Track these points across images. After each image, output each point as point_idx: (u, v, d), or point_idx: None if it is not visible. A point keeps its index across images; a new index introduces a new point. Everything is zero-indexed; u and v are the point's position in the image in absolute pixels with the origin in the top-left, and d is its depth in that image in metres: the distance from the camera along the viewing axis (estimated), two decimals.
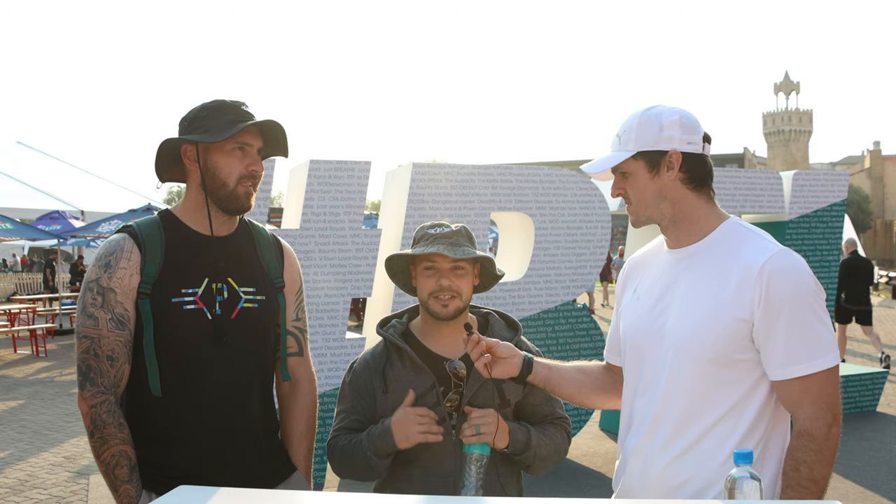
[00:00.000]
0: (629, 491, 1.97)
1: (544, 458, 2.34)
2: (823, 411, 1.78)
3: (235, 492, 1.83)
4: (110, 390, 2.08)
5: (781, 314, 1.77)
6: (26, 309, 15.62)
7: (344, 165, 5.79)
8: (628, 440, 2.00)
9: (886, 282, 24.06)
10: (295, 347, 2.37)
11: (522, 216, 6.46)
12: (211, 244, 2.19)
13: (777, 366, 1.79)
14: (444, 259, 2.27)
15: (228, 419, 2.15)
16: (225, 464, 2.14)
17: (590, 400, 2.22)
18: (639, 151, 1.89)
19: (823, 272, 7.69)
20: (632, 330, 2.01)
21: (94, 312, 2.08)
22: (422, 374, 2.30)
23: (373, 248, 5.86)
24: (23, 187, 20.98)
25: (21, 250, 32.08)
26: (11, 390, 10.20)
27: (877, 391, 8.08)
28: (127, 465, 2.05)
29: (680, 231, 1.95)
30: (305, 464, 2.35)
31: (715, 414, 1.83)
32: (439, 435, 2.19)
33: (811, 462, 1.77)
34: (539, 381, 2.16)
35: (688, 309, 1.86)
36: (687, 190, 1.91)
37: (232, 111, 2.15)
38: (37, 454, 7.06)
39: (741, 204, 7.37)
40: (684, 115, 1.91)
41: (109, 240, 2.17)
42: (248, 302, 2.20)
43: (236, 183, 2.15)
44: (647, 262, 2.08)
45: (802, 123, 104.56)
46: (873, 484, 5.73)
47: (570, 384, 2.18)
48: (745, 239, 1.89)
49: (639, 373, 1.98)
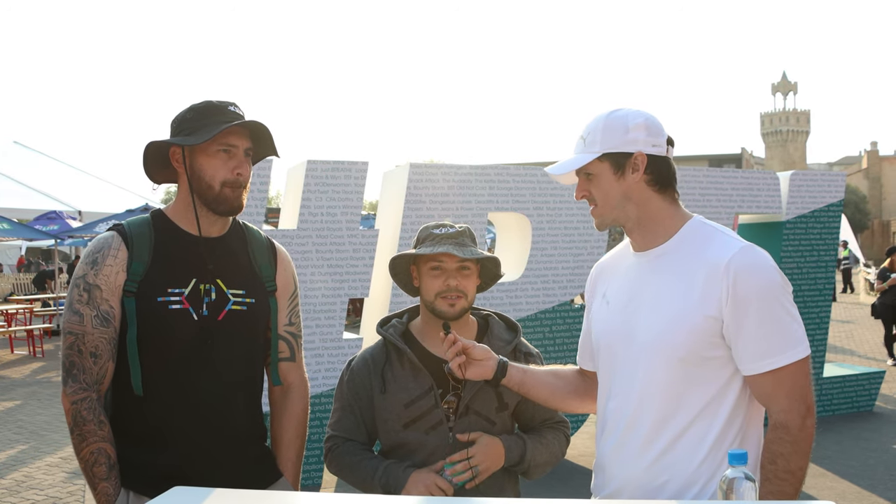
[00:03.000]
0: (609, 494, 1.97)
1: (540, 464, 2.35)
2: (797, 403, 1.80)
3: (232, 493, 1.83)
4: (92, 387, 2.07)
5: (750, 309, 1.79)
6: (23, 309, 15.58)
7: (341, 166, 5.79)
8: (604, 443, 2.00)
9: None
10: (287, 352, 2.35)
11: (520, 217, 6.46)
12: (201, 245, 2.17)
13: (749, 360, 1.82)
14: (451, 259, 2.26)
15: (212, 421, 2.14)
16: (207, 466, 2.12)
17: (564, 403, 2.23)
18: (604, 153, 1.91)
19: (820, 272, 7.70)
20: (603, 334, 2.02)
21: (79, 308, 2.08)
22: (420, 375, 2.30)
23: (370, 249, 5.86)
24: (20, 187, 20.92)
25: (18, 251, 31.99)
26: (8, 391, 10.19)
27: (874, 391, 8.10)
28: (105, 462, 2.04)
29: (646, 232, 1.96)
30: (293, 470, 2.33)
31: (690, 413, 1.85)
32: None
33: (788, 454, 1.79)
34: (513, 384, 2.16)
35: (657, 310, 1.87)
36: (652, 192, 1.94)
37: (218, 112, 2.12)
38: (33, 455, 7.06)
39: (738, 204, 7.38)
40: (649, 117, 1.93)
41: (98, 237, 2.16)
42: (236, 304, 2.18)
43: (221, 186, 2.13)
44: (614, 267, 2.10)
45: (800, 124, 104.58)
46: (870, 484, 5.73)
47: (545, 388, 2.19)
48: (710, 237, 1.91)
49: (612, 376, 1.99)
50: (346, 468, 2.35)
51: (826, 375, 7.86)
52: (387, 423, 2.33)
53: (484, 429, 2.29)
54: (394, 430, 2.31)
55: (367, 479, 2.28)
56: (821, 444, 6.81)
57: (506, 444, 2.28)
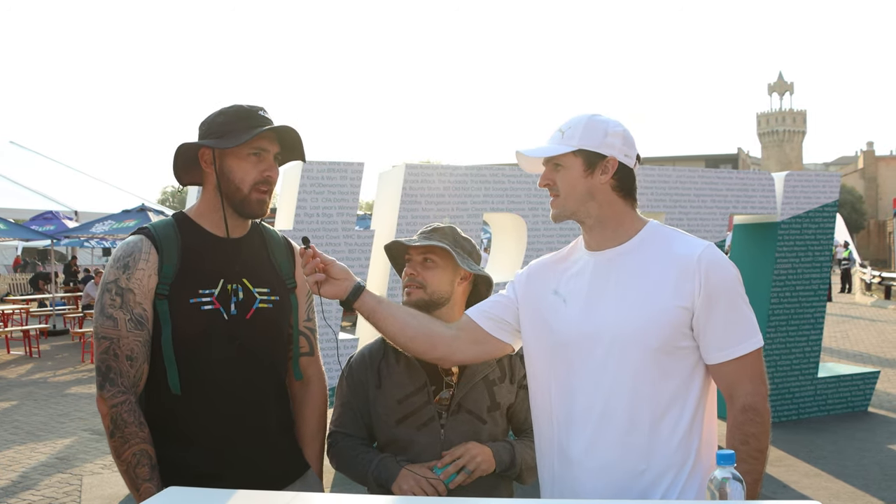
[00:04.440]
0: (586, 489, 1.97)
1: (532, 468, 2.36)
2: (760, 386, 1.95)
3: (225, 493, 1.85)
4: (130, 390, 2.09)
5: (719, 302, 1.91)
6: (19, 310, 15.58)
7: (337, 166, 5.81)
8: (574, 438, 1.98)
9: (879, 282, 24.10)
10: (307, 347, 2.40)
11: (515, 217, 6.48)
12: (226, 246, 2.22)
13: (716, 349, 1.93)
14: (415, 251, 2.36)
15: (245, 418, 2.17)
16: (241, 462, 2.16)
17: (412, 343, 2.16)
18: (580, 149, 1.99)
19: (815, 273, 7.72)
20: (563, 332, 2.01)
21: (112, 313, 2.10)
22: (414, 372, 2.34)
23: (366, 249, 5.88)
24: (16, 187, 20.94)
25: (14, 251, 31.95)
26: (5, 391, 10.19)
27: (868, 391, 8.12)
28: (148, 463, 2.07)
29: (605, 231, 2.03)
30: (318, 462, 2.38)
31: (663, 402, 1.92)
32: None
33: (758, 434, 1.92)
34: (365, 310, 2.14)
35: (627, 303, 1.94)
36: (615, 195, 2.02)
37: (249, 116, 2.18)
38: (30, 455, 7.06)
39: (733, 205, 7.40)
40: (627, 131, 2.04)
41: (126, 241, 2.18)
42: (262, 302, 2.23)
43: (250, 188, 2.18)
44: (562, 264, 2.12)
45: (796, 124, 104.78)
46: (864, 484, 5.75)
47: (395, 322, 2.14)
48: (671, 237, 2.02)
49: (573, 372, 1.98)
50: (344, 463, 2.40)
51: (821, 376, 7.88)
52: (381, 418, 2.36)
53: (475, 428, 2.31)
54: (387, 425, 2.35)
55: (363, 473, 2.32)
56: (816, 443, 6.84)
57: (494, 449, 2.30)
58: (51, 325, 16.49)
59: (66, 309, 17.89)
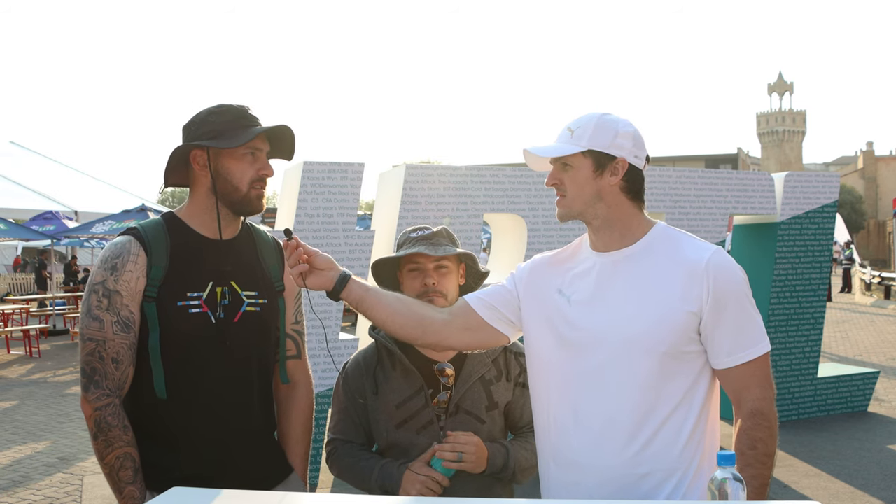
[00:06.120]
0: (588, 490, 1.96)
1: (527, 468, 2.36)
2: (767, 390, 1.93)
3: (228, 493, 1.85)
4: (115, 392, 2.08)
5: (728, 306, 1.90)
6: (19, 309, 15.57)
7: (337, 167, 5.81)
8: (577, 440, 1.97)
9: (879, 282, 24.07)
10: (294, 350, 2.39)
11: (515, 217, 6.48)
12: (216, 248, 2.20)
13: (725, 354, 1.92)
14: (426, 259, 2.31)
15: (230, 422, 2.17)
16: (225, 465, 2.15)
17: (403, 330, 2.13)
18: (590, 149, 1.95)
19: (815, 273, 7.73)
20: (567, 330, 2.00)
21: (99, 315, 2.08)
22: (410, 376, 2.34)
23: (366, 250, 5.88)
24: (16, 187, 20.92)
25: (14, 251, 31.94)
26: (5, 391, 10.19)
27: (868, 391, 8.13)
28: (131, 466, 2.06)
29: (613, 233, 2.00)
30: (302, 465, 2.37)
31: (669, 405, 1.91)
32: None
33: (766, 438, 1.90)
34: (353, 299, 2.10)
35: (636, 306, 1.92)
36: (624, 197, 1.99)
37: (241, 116, 2.17)
38: (30, 455, 7.06)
39: (733, 205, 7.40)
40: (637, 131, 2.01)
41: (115, 242, 2.16)
42: (250, 306, 2.21)
43: (249, 187, 2.17)
44: (566, 263, 2.10)
45: (796, 124, 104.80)
46: (864, 484, 5.76)
47: (384, 309, 2.11)
48: (679, 241, 2.00)
49: (577, 373, 1.97)
50: (345, 470, 2.40)
51: (821, 376, 7.88)
52: (379, 423, 2.36)
53: (474, 428, 2.31)
54: (386, 430, 2.34)
55: (365, 480, 2.32)
56: (815, 444, 6.84)
57: (490, 451, 2.29)
58: (51, 325, 16.49)
59: (66, 309, 17.88)
